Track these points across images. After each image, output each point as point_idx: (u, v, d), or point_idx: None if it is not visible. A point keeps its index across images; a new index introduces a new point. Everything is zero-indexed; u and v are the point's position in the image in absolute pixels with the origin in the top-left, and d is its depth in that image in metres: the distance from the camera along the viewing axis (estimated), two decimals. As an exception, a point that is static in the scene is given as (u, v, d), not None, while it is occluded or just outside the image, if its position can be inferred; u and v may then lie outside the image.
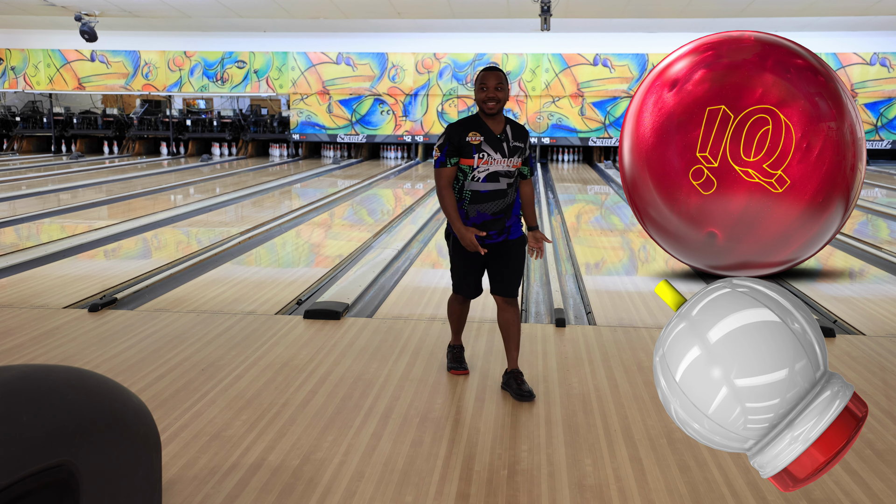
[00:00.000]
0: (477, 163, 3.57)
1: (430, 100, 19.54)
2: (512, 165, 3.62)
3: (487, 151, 3.57)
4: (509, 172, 3.63)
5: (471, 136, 3.56)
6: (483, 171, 3.58)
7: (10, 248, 7.53)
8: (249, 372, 3.98)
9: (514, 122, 3.68)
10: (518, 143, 3.64)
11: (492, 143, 3.58)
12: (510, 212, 3.69)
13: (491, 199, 3.62)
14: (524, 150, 3.68)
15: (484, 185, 3.60)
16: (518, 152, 3.64)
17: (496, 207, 3.64)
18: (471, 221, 3.64)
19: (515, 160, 3.63)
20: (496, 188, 3.61)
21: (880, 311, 5.36)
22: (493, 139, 3.59)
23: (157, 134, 20.82)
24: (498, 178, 3.61)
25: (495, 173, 3.60)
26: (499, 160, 3.58)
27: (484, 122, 3.59)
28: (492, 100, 3.54)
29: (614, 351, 4.37)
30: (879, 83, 18.51)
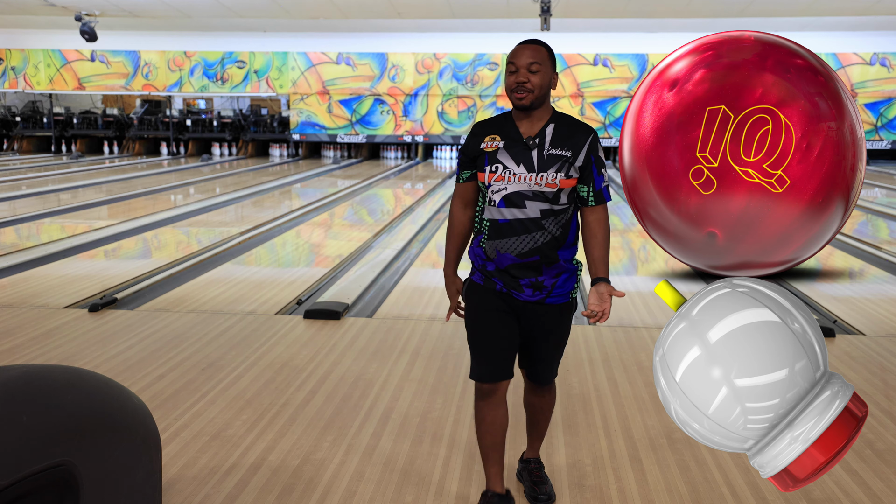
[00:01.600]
0: (488, 178, 2.53)
1: (430, 100, 19.54)
2: (546, 184, 2.48)
3: (503, 162, 2.52)
4: (542, 194, 2.50)
5: (487, 141, 2.56)
6: (498, 190, 2.52)
7: (10, 248, 7.53)
8: (249, 372, 3.98)
9: (566, 121, 2.57)
10: (560, 151, 2.50)
11: (513, 151, 2.52)
12: (553, 257, 2.54)
13: (513, 234, 2.52)
14: (571, 161, 2.50)
15: (502, 212, 2.52)
16: (558, 164, 2.49)
17: (523, 247, 2.52)
18: (492, 266, 2.57)
19: (552, 175, 2.48)
20: (521, 217, 2.51)
21: (880, 311, 5.36)
22: (516, 145, 2.52)
23: (157, 134, 20.82)
24: (522, 203, 2.50)
25: (517, 195, 2.50)
26: (522, 175, 2.50)
27: (514, 120, 2.58)
28: (522, 88, 2.48)
29: (614, 351, 4.37)
30: (879, 83, 18.51)
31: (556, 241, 2.54)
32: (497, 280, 2.58)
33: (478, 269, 2.62)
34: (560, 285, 2.59)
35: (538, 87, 2.50)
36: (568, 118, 2.59)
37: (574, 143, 2.53)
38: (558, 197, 2.52)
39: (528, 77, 2.49)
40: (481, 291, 2.61)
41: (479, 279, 2.62)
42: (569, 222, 2.57)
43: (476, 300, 2.62)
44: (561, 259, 2.56)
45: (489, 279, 2.59)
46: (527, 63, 2.49)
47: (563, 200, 2.54)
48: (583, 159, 2.53)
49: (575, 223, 2.60)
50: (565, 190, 2.52)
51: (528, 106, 2.50)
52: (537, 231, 2.52)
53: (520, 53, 2.52)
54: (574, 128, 2.55)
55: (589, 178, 2.55)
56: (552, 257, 2.55)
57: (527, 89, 2.48)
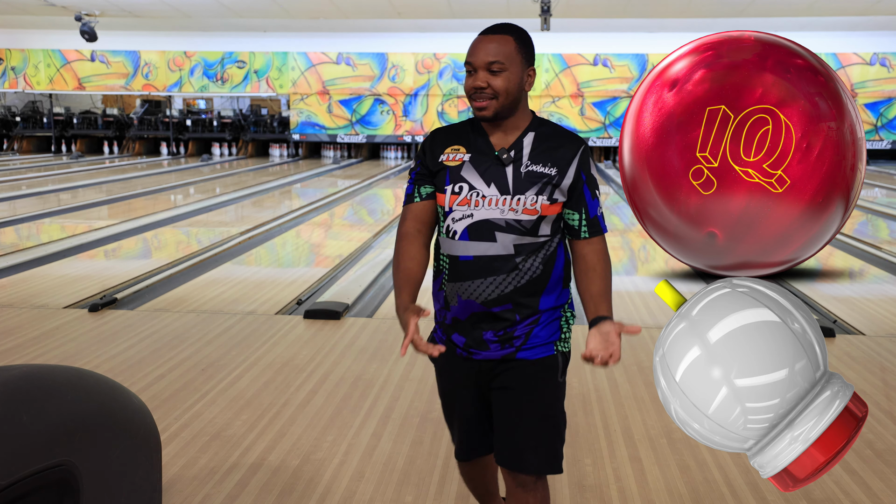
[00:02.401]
0: (449, 202, 1.97)
1: (430, 100, 19.54)
2: (524, 209, 1.94)
3: (470, 181, 1.96)
4: (517, 224, 1.95)
5: (448, 153, 2.01)
6: (461, 218, 1.96)
7: (10, 248, 7.53)
8: (249, 372, 3.98)
9: (550, 129, 2.03)
10: (542, 168, 1.96)
11: (482, 167, 1.97)
12: (530, 305, 1.99)
13: (478, 275, 1.96)
14: (556, 182, 1.96)
15: (464, 247, 1.97)
16: (539, 184, 1.95)
17: (491, 293, 1.96)
18: (452, 315, 2.04)
19: (531, 198, 1.94)
20: (489, 254, 1.95)
21: (880, 311, 5.36)
22: (486, 158, 1.97)
23: (157, 134, 20.83)
24: (491, 235, 1.95)
25: (486, 225, 1.95)
26: (494, 199, 1.94)
27: (482, 127, 2.02)
28: (481, 95, 1.94)
29: (614, 351, 4.37)
30: (879, 83, 18.51)
31: (534, 284, 1.98)
32: (457, 338, 2.04)
33: (438, 324, 2.10)
34: (537, 335, 2.01)
35: (503, 93, 1.92)
36: (552, 126, 2.04)
37: (560, 157, 1.97)
38: (537, 227, 1.96)
39: (487, 80, 1.92)
40: (445, 357, 2.07)
41: (440, 337, 2.10)
42: (552, 258, 2.00)
43: (440, 368, 2.15)
44: (541, 306, 2.00)
45: (449, 338, 2.06)
46: (485, 62, 1.92)
47: (543, 231, 1.97)
48: (571, 179, 1.96)
49: (562, 259, 2.04)
50: (547, 218, 1.97)
51: (490, 117, 1.94)
52: (510, 272, 1.95)
53: (477, 49, 1.94)
54: (560, 138, 2.00)
55: (580, 202, 1.99)
56: (529, 305, 1.98)
57: (487, 96, 1.92)
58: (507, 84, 1.93)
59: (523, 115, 2.01)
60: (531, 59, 2.00)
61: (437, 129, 2.09)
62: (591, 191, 2.02)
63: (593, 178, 2.03)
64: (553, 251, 2.02)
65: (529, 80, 2.00)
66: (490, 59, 1.92)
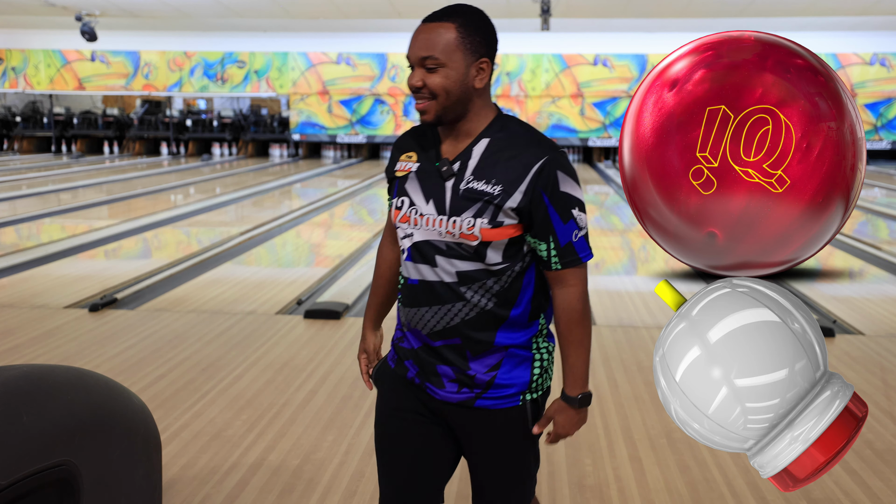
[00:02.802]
0: (394, 217, 1.76)
1: (430, 100, 19.53)
2: (461, 234, 1.64)
3: (411, 196, 1.72)
4: (457, 248, 1.67)
5: (402, 161, 1.77)
6: (405, 236, 1.74)
7: (10, 248, 7.54)
8: (249, 372, 3.98)
9: (511, 134, 1.68)
10: (482, 185, 1.63)
11: (425, 180, 1.71)
12: (482, 341, 1.70)
13: (424, 302, 1.71)
14: (499, 202, 1.63)
15: (411, 268, 1.74)
16: (478, 205, 1.64)
17: (435, 324, 1.70)
18: (406, 341, 1.79)
19: (468, 221, 1.63)
20: (432, 279, 1.70)
21: (880, 311, 5.36)
22: (431, 170, 1.70)
23: (158, 134, 20.83)
24: (432, 258, 1.69)
25: (427, 246, 1.69)
26: (431, 218, 1.68)
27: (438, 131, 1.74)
28: (419, 96, 1.66)
29: (614, 351, 4.37)
30: (879, 83, 18.51)
31: (486, 319, 1.68)
32: (411, 364, 1.77)
33: (393, 344, 1.84)
34: (501, 380, 1.71)
35: (442, 92, 1.62)
36: (514, 130, 1.68)
37: (510, 172, 1.62)
38: (483, 253, 1.65)
39: (423, 78, 1.63)
40: (391, 379, 1.82)
41: (391, 359, 1.84)
42: (513, 289, 1.68)
43: (382, 391, 1.85)
44: (499, 342, 1.70)
45: (402, 361, 1.79)
46: (418, 57, 1.64)
47: (493, 259, 1.66)
48: (522, 199, 1.61)
49: (530, 289, 1.71)
50: (498, 244, 1.65)
51: (433, 121, 1.65)
52: (455, 302, 1.68)
53: (412, 41, 1.67)
54: (518, 147, 1.64)
55: (546, 227, 1.63)
56: (482, 341, 1.69)
57: (424, 97, 1.63)
58: (445, 82, 1.62)
59: (479, 118, 1.68)
60: (482, 49, 1.65)
61: (407, 131, 1.83)
62: (562, 212, 1.63)
63: (564, 196, 1.62)
64: (514, 280, 1.68)
65: (481, 74, 1.65)
66: (423, 54, 1.63)
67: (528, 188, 1.61)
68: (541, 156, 1.62)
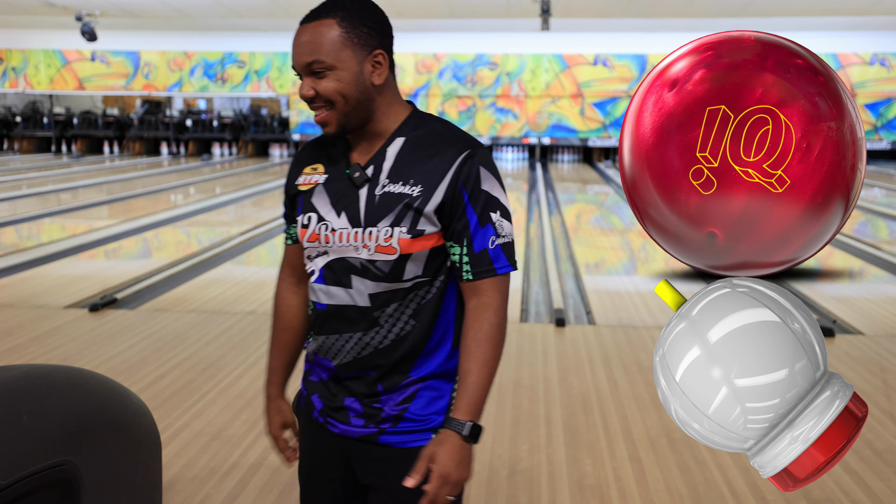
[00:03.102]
0: (301, 236, 1.57)
1: (430, 100, 19.55)
2: (377, 247, 1.48)
3: (319, 210, 1.54)
4: (373, 265, 1.49)
5: (306, 174, 1.59)
6: (316, 256, 1.55)
7: (10, 248, 7.54)
8: (249, 372, 3.98)
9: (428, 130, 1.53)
10: (400, 187, 1.48)
11: (334, 191, 1.53)
12: (398, 371, 1.53)
13: (334, 330, 1.54)
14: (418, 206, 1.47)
15: (320, 292, 1.55)
16: (396, 210, 1.48)
17: (346, 354, 1.53)
18: (315, 374, 1.62)
19: (385, 231, 1.47)
20: (345, 303, 1.52)
21: (880, 311, 5.36)
22: (340, 179, 1.54)
23: (158, 134, 20.83)
24: (347, 279, 1.51)
25: (341, 266, 1.52)
26: (345, 233, 1.50)
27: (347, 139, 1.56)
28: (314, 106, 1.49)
29: (614, 351, 4.37)
30: (879, 83, 18.51)
31: (402, 345, 1.50)
32: (317, 399, 1.60)
33: (304, 376, 1.67)
34: (413, 414, 1.52)
35: (339, 98, 1.44)
36: (432, 126, 1.53)
37: (429, 170, 1.47)
38: (401, 269, 1.47)
39: (313, 86, 1.45)
40: (303, 422, 1.66)
41: (302, 392, 1.67)
42: (432, 310, 1.51)
43: (300, 429, 1.69)
44: (416, 373, 1.52)
45: (309, 397, 1.63)
46: (303, 63, 1.46)
47: (411, 274, 1.48)
48: (442, 197, 1.45)
49: (452, 310, 1.54)
50: (416, 257, 1.48)
51: (336, 132, 1.48)
52: (368, 328, 1.50)
53: (294, 47, 1.48)
54: (437, 143, 1.49)
55: (461, 228, 1.47)
56: (398, 372, 1.51)
57: (320, 106, 1.46)
58: (339, 86, 1.44)
59: (389, 116, 1.51)
60: (373, 41, 1.46)
61: (308, 142, 1.64)
62: (480, 213, 1.47)
63: (484, 194, 1.47)
64: (433, 300, 1.51)
65: (378, 69, 1.47)
66: (307, 60, 1.45)
67: (450, 185, 1.46)
68: (463, 149, 1.49)
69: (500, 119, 19.10)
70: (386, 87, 1.51)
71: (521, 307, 5.42)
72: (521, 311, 5.33)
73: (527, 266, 6.85)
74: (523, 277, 6.30)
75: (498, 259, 1.48)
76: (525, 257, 7.29)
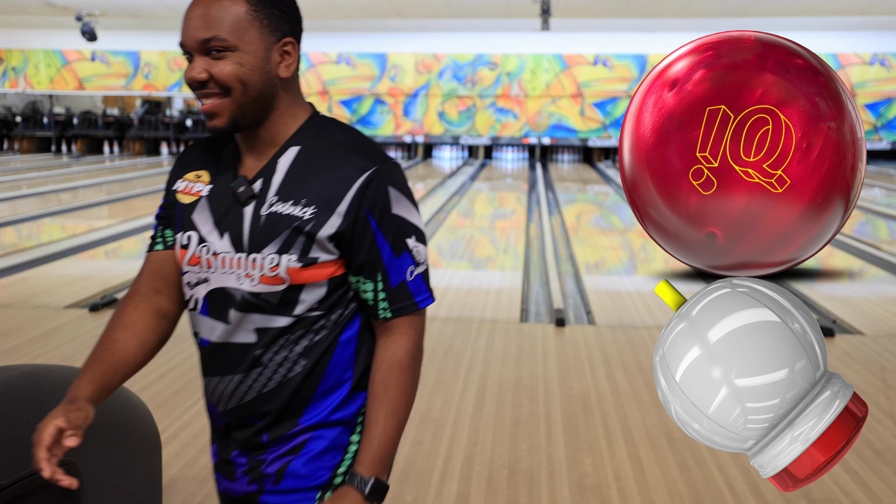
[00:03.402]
0: (180, 258, 1.35)
1: (430, 100, 19.55)
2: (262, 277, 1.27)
3: (200, 229, 1.33)
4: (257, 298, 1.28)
5: (187, 180, 1.36)
6: (197, 283, 1.34)
7: (10, 248, 7.54)
8: (249, 372, 3.98)
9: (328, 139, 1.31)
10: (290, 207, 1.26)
11: (218, 207, 1.32)
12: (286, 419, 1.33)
13: (215, 370, 1.36)
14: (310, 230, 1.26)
15: (202, 325, 1.35)
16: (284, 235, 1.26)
17: (229, 398, 1.35)
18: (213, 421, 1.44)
19: (271, 258, 1.26)
20: (227, 340, 1.33)
21: (880, 311, 5.36)
22: (225, 193, 1.32)
23: (158, 134, 20.83)
24: (226, 313, 1.31)
25: (223, 296, 1.31)
26: (228, 258, 1.30)
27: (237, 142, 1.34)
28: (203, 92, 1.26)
29: (614, 351, 4.37)
30: (879, 83, 18.51)
31: (290, 390, 1.29)
32: (215, 451, 1.43)
33: None
34: (295, 470, 1.32)
35: (238, 85, 1.22)
36: (336, 132, 1.30)
37: (326, 187, 1.24)
38: (292, 301, 1.26)
39: (207, 68, 1.22)
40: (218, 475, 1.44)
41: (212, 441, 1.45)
42: (325, 349, 1.29)
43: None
44: (305, 422, 1.31)
45: (212, 445, 1.45)
46: (198, 40, 1.21)
47: (303, 307, 1.27)
48: (343, 222, 1.24)
49: (350, 350, 1.32)
50: (314, 288, 1.26)
51: (226, 127, 1.24)
52: (250, 369, 1.29)
53: (187, 20, 1.23)
54: (335, 157, 1.26)
55: (373, 262, 1.27)
56: (285, 420, 1.31)
57: (212, 93, 1.23)
58: (239, 71, 1.21)
59: (286, 120, 1.28)
60: (285, 26, 1.25)
61: (197, 142, 1.41)
62: (394, 242, 1.27)
63: (397, 220, 1.27)
64: (328, 336, 1.29)
65: (287, 59, 1.26)
66: (203, 35, 1.20)
67: (350, 209, 1.24)
68: (367, 167, 1.26)
69: (500, 119, 19.10)
70: (291, 83, 1.30)
71: (521, 307, 5.42)
72: (521, 311, 5.33)
73: (527, 266, 6.86)
74: (523, 277, 6.30)
75: (419, 291, 1.31)
76: (525, 257, 7.29)
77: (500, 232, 9.39)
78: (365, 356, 1.35)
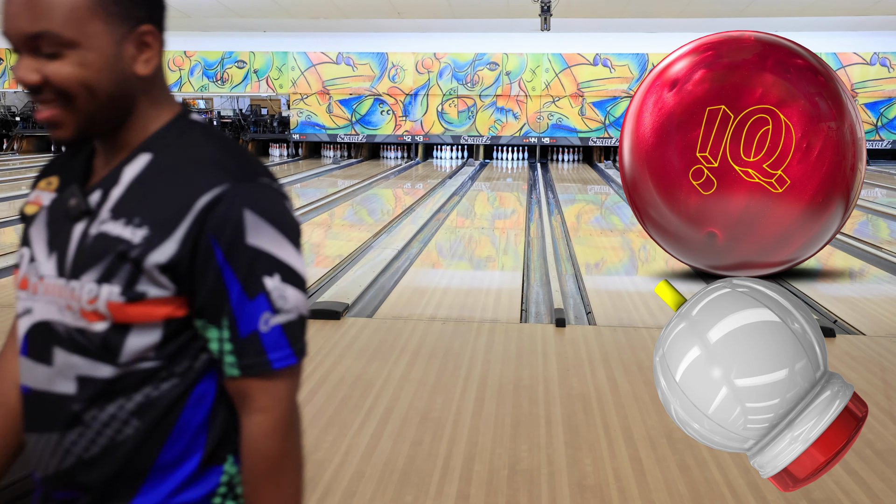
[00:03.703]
0: (15, 277, 1.10)
1: (430, 100, 19.55)
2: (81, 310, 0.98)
3: (32, 245, 1.09)
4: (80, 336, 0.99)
5: (41, 188, 1.14)
6: (23, 312, 1.05)
7: (10, 248, 7.53)
8: (249, 372, 3.97)
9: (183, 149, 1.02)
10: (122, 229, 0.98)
11: (54, 221, 1.07)
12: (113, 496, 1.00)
13: (31, 426, 1.04)
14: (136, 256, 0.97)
15: (22, 366, 1.05)
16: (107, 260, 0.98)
17: (47, 461, 1.02)
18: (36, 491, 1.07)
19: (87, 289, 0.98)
20: (40, 386, 1.02)
21: (880, 311, 5.36)
22: (62, 203, 1.06)
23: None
24: (48, 353, 1.01)
25: (44, 330, 1.02)
26: (50, 283, 1.02)
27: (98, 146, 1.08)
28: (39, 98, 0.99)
29: (614, 351, 4.37)
30: (879, 83, 18.51)
31: (119, 459, 1.01)
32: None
33: None
34: None
35: (83, 90, 0.98)
36: (198, 138, 1.04)
37: (166, 204, 0.99)
38: (117, 345, 1.00)
39: (40, 69, 0.97)
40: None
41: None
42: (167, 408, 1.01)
43: None
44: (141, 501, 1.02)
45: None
46: (25, 34, 0.96)
47: (132, 354, 1.00)
48: (176, 250, 0.98)
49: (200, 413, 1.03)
50: (143, 329, 1.00)
51: (72, 138, 1.04)
52: (68, 428, 1.01)
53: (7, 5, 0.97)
54: (185, 168, 1.01)
55: (217, 302, 0.99)
56: (114, 497, 1.02)
57: (50, 100, 0.99)
58: (82, 74, 0.97)
59: (144, 122, 1.04)
60: (139, 11, 1.00)
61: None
62: (245, 279, 0.98)
63: (251, 252, 0.98)
64: (171, 393, 1.01)
65: (146, 52, 1.01)
66: (28, 30, 0.96)
67: (189, 234, 0.97)
68: (216, 181, 0.98)
69: (500, 119, 19.10)
70: (154, 80, 1.04)
71: (521, 307, 5.42)
72: (521, 312, 5.33)
73: (527, 266, 6.86)
74: (523, 277, 6.30)
75: (276, 346, 0.99)
76: (525, 257, 7.29)
77: (500, 232, 9.39)
78: (223, 420, 1.04)
